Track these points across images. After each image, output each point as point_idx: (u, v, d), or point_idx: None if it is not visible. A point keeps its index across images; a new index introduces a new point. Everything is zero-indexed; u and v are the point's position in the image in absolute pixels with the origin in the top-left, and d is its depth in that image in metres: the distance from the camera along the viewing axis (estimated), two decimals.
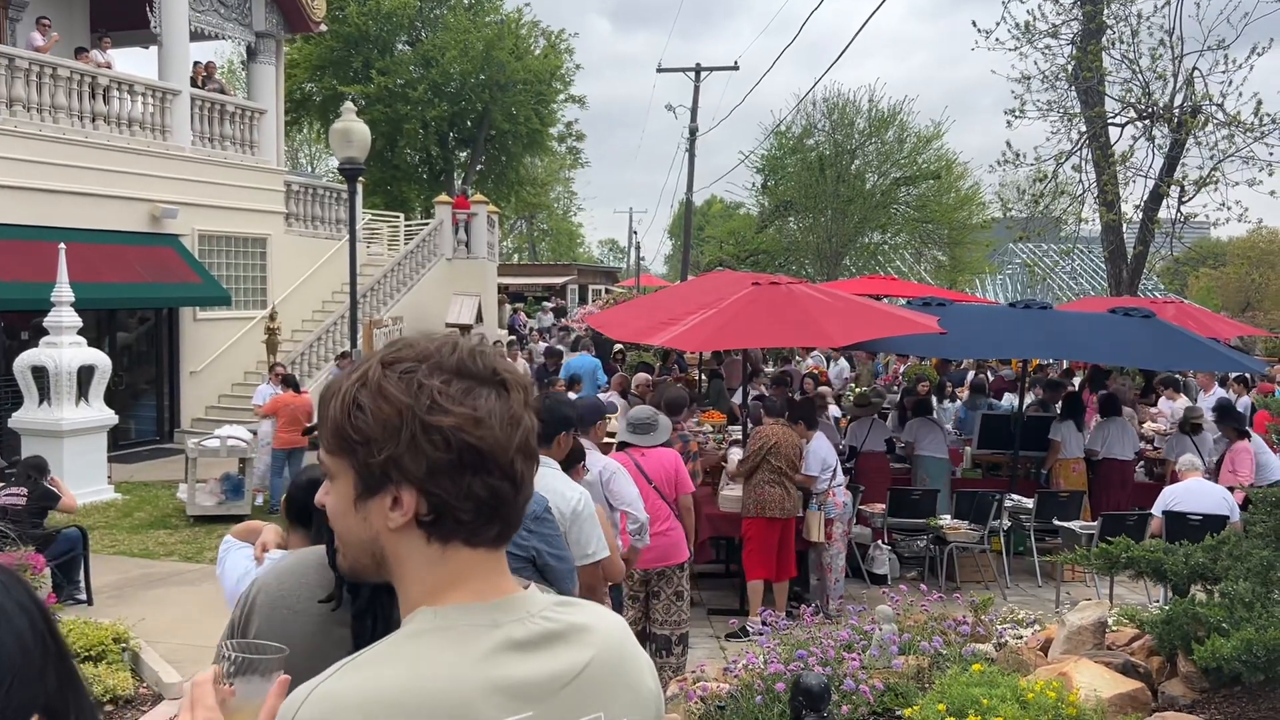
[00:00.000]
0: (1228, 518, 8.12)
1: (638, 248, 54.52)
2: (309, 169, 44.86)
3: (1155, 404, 14.25)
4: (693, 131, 29.68)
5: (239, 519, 11.62)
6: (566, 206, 54.78)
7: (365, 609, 1.42)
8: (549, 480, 4.31)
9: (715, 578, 9.68)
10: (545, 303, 35.05)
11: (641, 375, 13.18)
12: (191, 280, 16.48)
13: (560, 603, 1.30)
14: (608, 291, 35.40)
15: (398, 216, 25.69)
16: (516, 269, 40.73)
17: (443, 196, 24.44)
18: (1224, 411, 10.94)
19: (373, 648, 1.19)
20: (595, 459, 5.59)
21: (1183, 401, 13.53)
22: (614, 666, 1.29)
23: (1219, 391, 13.97)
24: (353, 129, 12.65)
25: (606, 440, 6.74)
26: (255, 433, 12.58)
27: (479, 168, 36.76)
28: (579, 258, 55.29)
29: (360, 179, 13.85)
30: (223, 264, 18.06)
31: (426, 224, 23.30)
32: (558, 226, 55.53)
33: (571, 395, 10.98)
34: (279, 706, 1.23)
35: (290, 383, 12.35)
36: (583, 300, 37.47)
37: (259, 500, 12.24)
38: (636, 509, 5.52)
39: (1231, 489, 8.72)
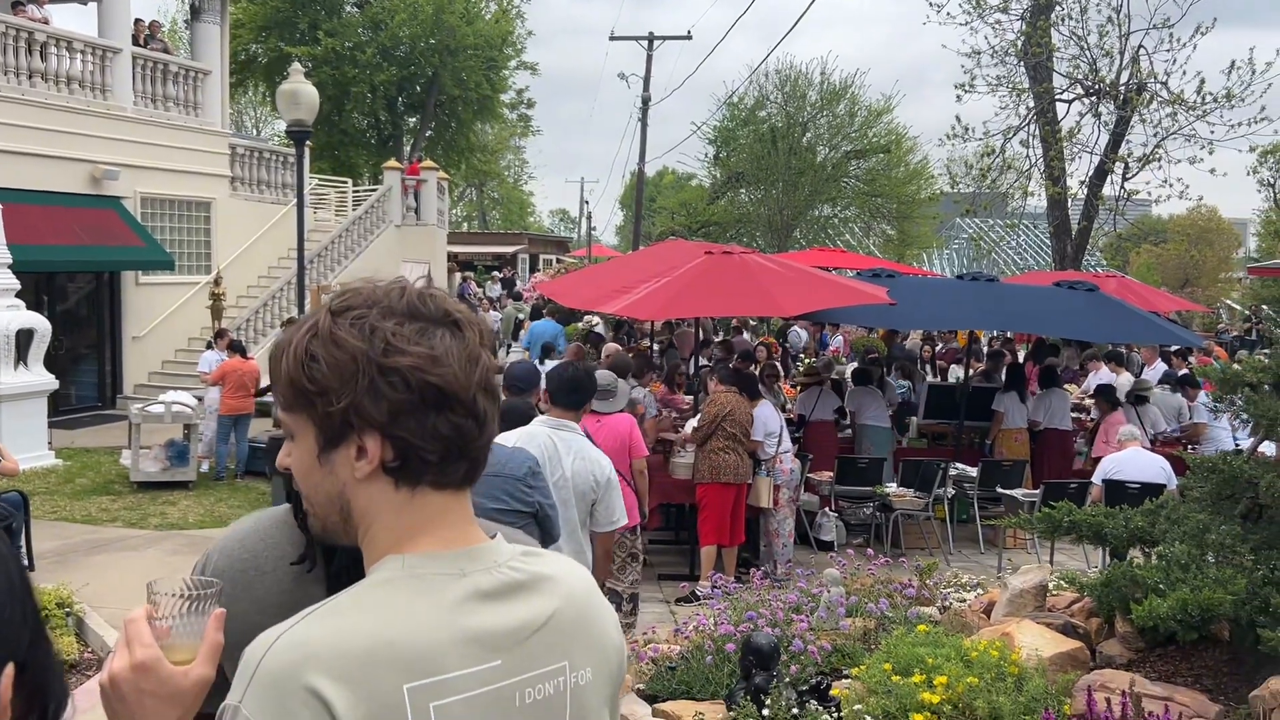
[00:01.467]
0: (1165, 486, 8.37)
1: (589, 218, 54.39)
2: (254, 132, 43.97)
3: (1084, 379, 14.55)
4: (645, 101, 29.59)
5: (185, 486, 11.49)
6: (517, 175, 54.39)
7: (342, 569, 1.39)
8: (588, 449, 4.68)
9: (665, 544, 9.76)
10: (495, 272, 34.82)
11: (612, 345, 13.20)
12: (134, 244, 16.13)
13: (525, 553, 1.30)
14: (559, 261, 35.28)
15: (345, 182, 25.31)
16: (467, 237, 40.38)
17: (392, 162, 24.11)
18: (1101, 389, 11.37)
19: (338, 596, 1.17)
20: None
21: (1126, 375, 13.83)
22: (578, 617, 1.29)
23: (1161, 365, 14.30)
24: (301, 91, 12.43)
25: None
26: (201, 399, 12.40)
27: (428, 134, 36.31)
28: (530, 227, 54.88)
29: (308, 143, 13.63)
30: (166, 227, 17.70)
31: (375, 190, 23.00)
32: (508, 195, 55.08)
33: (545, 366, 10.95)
34: (219, 640, 1.23)
35: (237, 348, 12.18)
36: (534, 270, 37.29)
37: (205, 467, 12.08)
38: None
39: (1178, 458, 8.94)
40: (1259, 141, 17.68)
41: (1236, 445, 9.64)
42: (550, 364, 11.12)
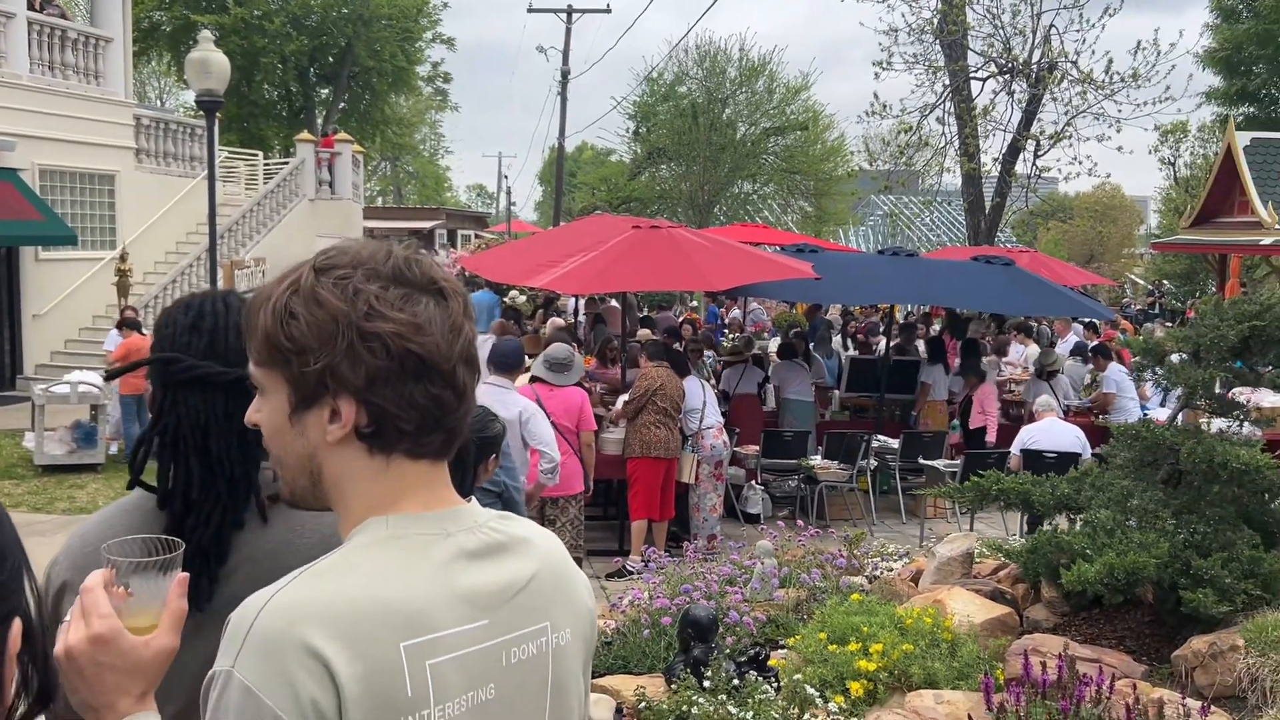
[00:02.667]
0: (1080, 455, 8.62)
1: (508, 192, 53.76)
2: (158, 104, 42.45)
3: (1006, 352, 14.89)
4: (564, 75, 29.33)
5: (93, 469, 11.08)
6: (434, 149, 53.53)
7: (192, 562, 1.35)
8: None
9: (593, 520, 9.72)
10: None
11: (557, 320, 13.10)
12: (33, 218, 15.41)
13: (500, 516, 1.30)
14: (477, 236, 34.84)
15: (256, 155, 24.61)
16: (382, 212, 39.62)
17: (304, 134, 23.49)
18: (965, 361, 11.77)
19: (327, 558, 1.15)
20: (515, 399, 6.00)
21: (1034, 347, 14.17)
22: (557, 579, 1.30)
23: (1074, 337, 14.69)
24: (211, 59, 11.99)
25: None
26: (108, 378, 11.95)
27: (342, 106, 35.49)
28: (447, 202, 54.01)
29: (217, 114, 13.18)
30: (67, 201, 16.98)
31: (287, 163, 22.39)
32: (424, 169, 54.14)
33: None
34: (183, 607, 1.20)
35: (133, 325, 11.69)
36: (451, 245, 36.78)
37: (114, 449, 11.67)
38: (551, 449, 5.91)
39: (1096, 424, 9.20)
40: (1162, 120, 18.25)
41: (1144, 415, 9.97)
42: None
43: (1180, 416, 5.51)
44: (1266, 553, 4.58)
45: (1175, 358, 4.85)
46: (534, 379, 7.03)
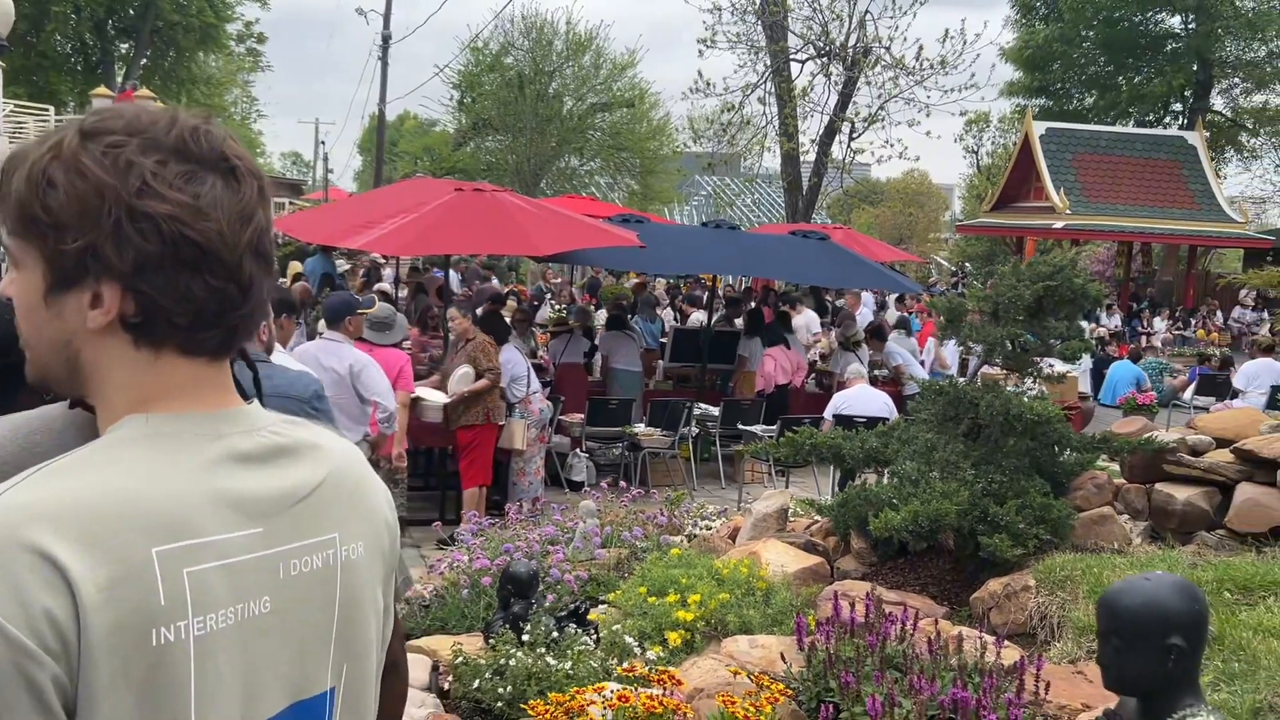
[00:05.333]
0: (888, 419, 9.01)
1: (325, 159, 51.87)
2: None
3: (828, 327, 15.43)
4: (385, 39, 28.44)
5: None
6: (246, 112, 50.94)
7: None
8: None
9: (414, 490, 9.51)
10: None
11: (383, 287, 12.67)
12: None
13: (288, 420, 1.17)
14: (291, 204, 33.45)
15: (47, 110, 22.90)
16: None
17: (101, 90, 21.91)
18: (771, 329, 12.19)
19: (70, 454, 1.00)
20: (346, 352, 5.87)
21: (801, 318, 14.56)
22: (350, 490, 1.18)
23: (866, 312, 15.26)
24: None
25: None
26: None
27: (144, 62, 33.33)
28: (259, 168, 51.60)
29: (0, 63, 12.12)
30: None
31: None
32: (236, 133, 51.27)
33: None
34: None
35: None
36: None
37: None
38: (387, 399, 5.83)
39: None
40: (968, 107, 19.22)
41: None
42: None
43: (979, 376, 5.82)
44: (1056, 500, 4.88)
45: (975, 317, 5.10)
46: (355, 340, 6.82)
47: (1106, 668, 1.90)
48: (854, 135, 19.47)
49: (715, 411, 10.84)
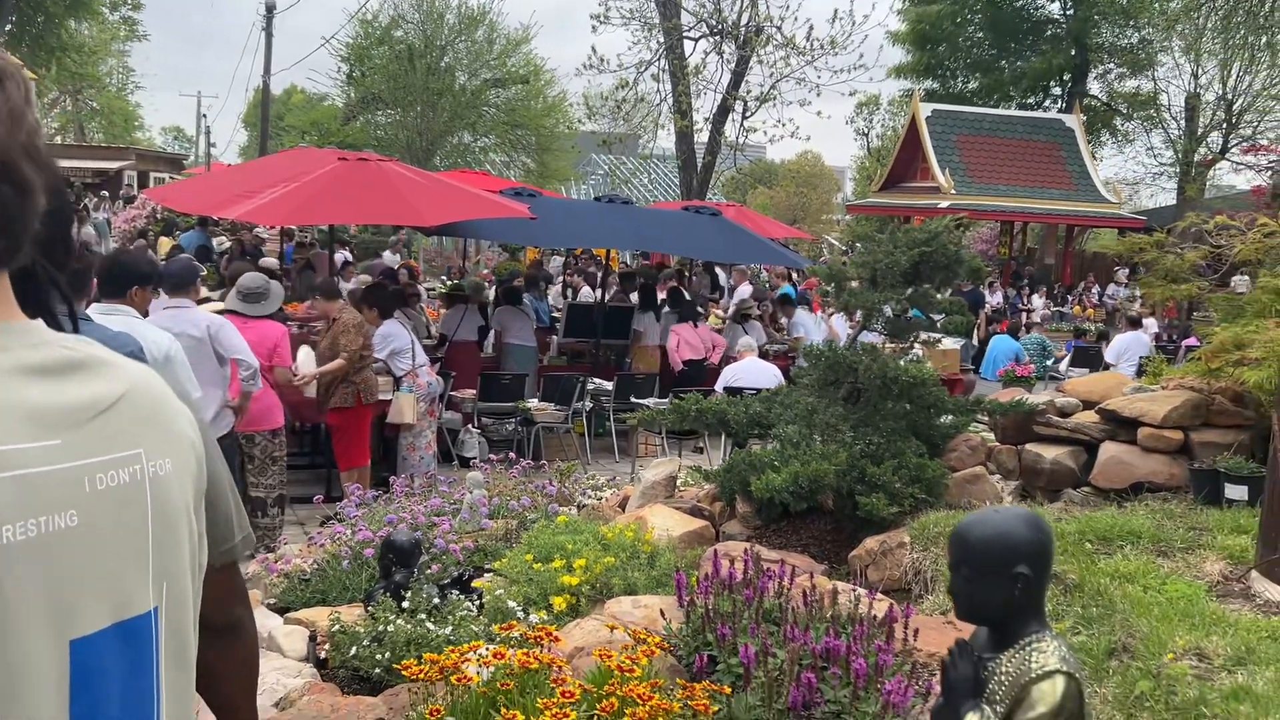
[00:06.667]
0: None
1: (207, 133, 50.13)
2: None
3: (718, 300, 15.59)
4: (269, 9, 27.54)
5: None
6: (123, 83, 48.81)
7: None
8: (139, 328, 4.44)
9: (298, 468, 9.29)
10: (102, 191, 31.21)
11: (240, 265, 12.24)
12: None
13: (79, 338, 1.15)
14: (172, 179, 32.25)
15: None
16: (61, 150, 35.75)
17: None
18: (673, 298, 12.52)
19: None
20: (198, 316, 5.71)
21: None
22: (151, 407, 1.16)
23: (749, 286, 15.49)
24: None
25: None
26: None
27: (9, 28, 31.62)
28: (138, 143, 49.51)
29: None
30: None
31: None
32: (111, 105, 49.23)
33: None
34: None
35: None
36: (143, 188, 33.82)
37: None
38: (247, 356, 5.65)
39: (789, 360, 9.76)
40: (858, 88, 19.54)
41: None
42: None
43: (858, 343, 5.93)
44: (931, 461, 5.02)
45: (855, 283, 5.20)
46: (226, 312, 6.58)
47: (958, 597, 1.96)
48: (747, 114, 19.63)
49: (609, 387, 10.85)
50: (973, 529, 1.93)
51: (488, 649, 2.87)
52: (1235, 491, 4.77)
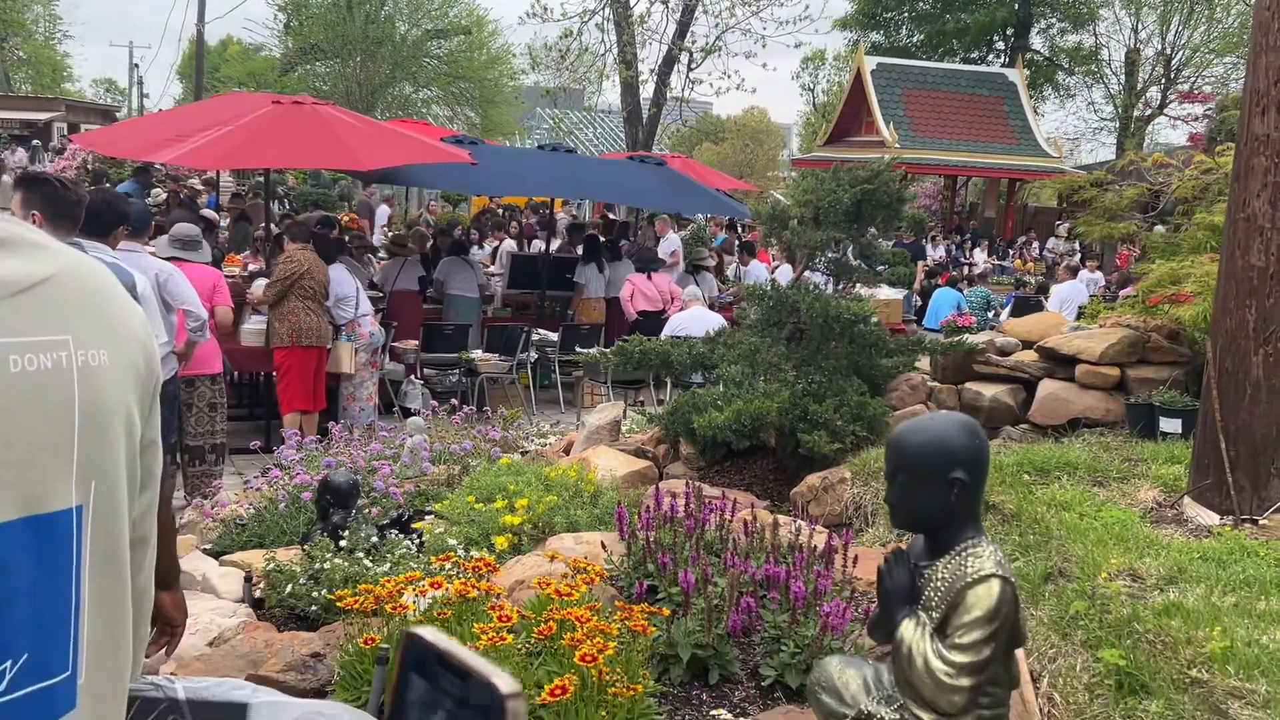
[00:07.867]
0: None
1: (140, 84, 48.65)
2: None
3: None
4: None
5: None
6: (50, 32, 47.10)
7: None
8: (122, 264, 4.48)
9: (239, 420, 9.13)
10: (33, 142, 30.19)
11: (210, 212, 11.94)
12: None
13: (7, 218, 1.07)
14: None
15: None
16: None
17: None
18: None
19: None
20: (150, 262, 5.63)
21: (669, 238, 14.54)
22: (85, 293, 1.09)
23: (674, 237, 15.34)
24: None
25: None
26: None
27: None
28: (68, 94, 47.92)
29: None
30: None
31: None
32: (38, 54, 47.53)
33: None
34: None
35: None
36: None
37: None
38: (196, 307, 5.60)
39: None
40: (803, 39, 19.46)
41: None
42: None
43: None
44: (872, 399, 5.04)
45: (796, 222, 5.17)
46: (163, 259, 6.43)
47: (894, 506, 1.95)
48: (692, 65, 19.48)
49: (554, 337, 10.77)
50: (908, 435, 1.92)
51: (425, 581, 2.82)
52: (1170, 425, 4.85)
